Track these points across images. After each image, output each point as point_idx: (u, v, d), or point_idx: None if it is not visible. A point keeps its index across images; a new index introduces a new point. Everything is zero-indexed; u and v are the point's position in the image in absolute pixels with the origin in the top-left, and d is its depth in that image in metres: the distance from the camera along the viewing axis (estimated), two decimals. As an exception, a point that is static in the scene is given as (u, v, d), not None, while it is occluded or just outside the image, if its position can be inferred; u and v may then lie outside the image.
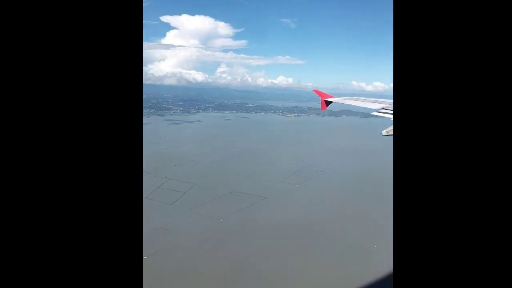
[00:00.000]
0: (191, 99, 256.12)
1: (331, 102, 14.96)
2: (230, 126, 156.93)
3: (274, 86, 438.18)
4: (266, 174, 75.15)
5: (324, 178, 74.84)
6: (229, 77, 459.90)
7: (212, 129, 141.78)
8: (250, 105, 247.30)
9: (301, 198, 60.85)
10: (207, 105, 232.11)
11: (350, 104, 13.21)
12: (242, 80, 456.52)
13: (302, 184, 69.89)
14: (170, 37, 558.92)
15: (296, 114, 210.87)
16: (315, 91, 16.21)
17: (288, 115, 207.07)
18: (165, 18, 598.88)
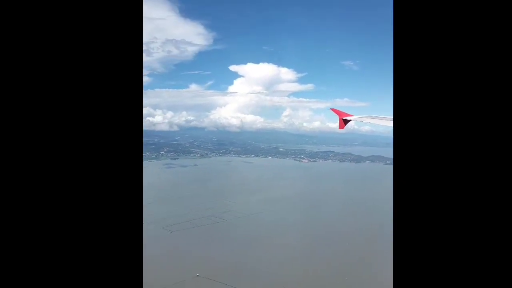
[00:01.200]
0: (223, 143, 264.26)
1: (349, 120, 14.53)
2: (204, 172, 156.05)
3: (330, 129, 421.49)
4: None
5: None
6: (285, 121, 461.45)
7: (180, 174, 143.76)
8: (281, 149, 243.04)
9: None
10: (235, 148, 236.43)
11: (369, 122, 12.77)
12: (299, 124, 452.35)
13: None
14: (236, 85, 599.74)
15: (312, 160, 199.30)
16: (332, 109, 15.53)
17: (302, 160, 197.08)
18: (233, 67, 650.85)
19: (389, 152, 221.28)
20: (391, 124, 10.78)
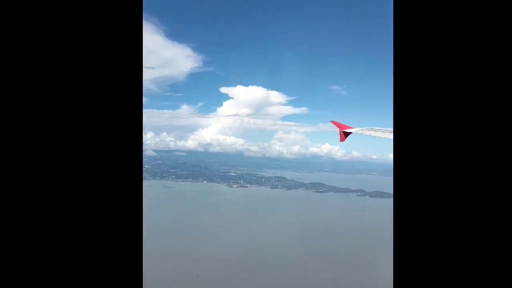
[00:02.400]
0: (174, 166, 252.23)
1: (350, 133, 13.80)
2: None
3: (309, 153, 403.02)
4: None
5: None
6: (265, 145, 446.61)
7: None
8: (232, 173, 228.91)
9: None
10: (181, 172, 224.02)
11: (370, 135, 11.66)
12: (279, 148, 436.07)
13: None
14: (225, 106, 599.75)
15: (245, 185, 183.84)
16: (333, 122, 14.88)
17: (233, 186, 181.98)
18: (224, 89, 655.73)
19: (343, 180, 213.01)
20: (390, 136, 10.27)
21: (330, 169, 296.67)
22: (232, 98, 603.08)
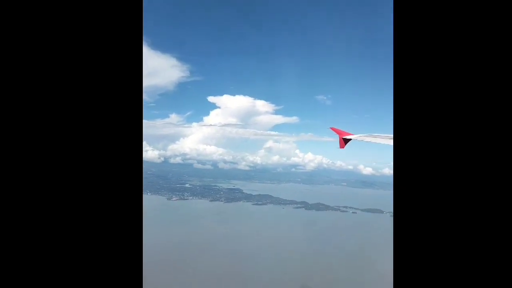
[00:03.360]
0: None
1: (349, 139, 13.25)
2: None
3: (289, 163, 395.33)
4: None
5: None
6: (243, 155, 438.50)
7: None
8: (187, 185, 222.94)
9: None
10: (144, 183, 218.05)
11: (370, 141, 11.52)
12: (258, 158, 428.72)
13: None
14: (212, 115, 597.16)
15: (185, 198, 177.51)
16: (332, 128, 14.14)
17: (172, 199, 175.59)
18: (211, 98, 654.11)
19: (296, 192, 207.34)
20: (390, 142, 10.30)
21: (301, 179, 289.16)
22: (219, 107, 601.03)
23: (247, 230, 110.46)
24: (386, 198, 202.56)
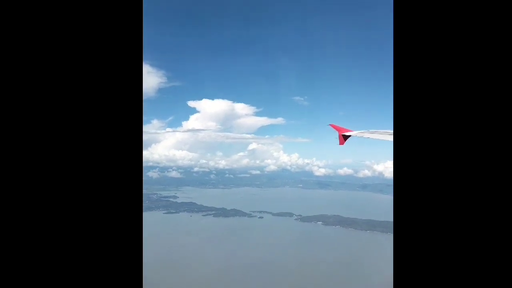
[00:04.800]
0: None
1: (349, 136, 13.01)
2: None
3: (257, 166, 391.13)
4: None
5: None
6: (218, 159, 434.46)
7: None
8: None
9: None
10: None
11: (369, 138, 11.34)
12: (229, 162, 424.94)
13: None
14: (192, 120, 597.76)
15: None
16: (331, 125, 13.67)
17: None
18: (191, 103, 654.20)
19: (228, 198, 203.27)
20: (390, 138, 10.34)
21: (261, 182, 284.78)
22: (199, 112, 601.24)
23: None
24: (324, 199, 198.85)
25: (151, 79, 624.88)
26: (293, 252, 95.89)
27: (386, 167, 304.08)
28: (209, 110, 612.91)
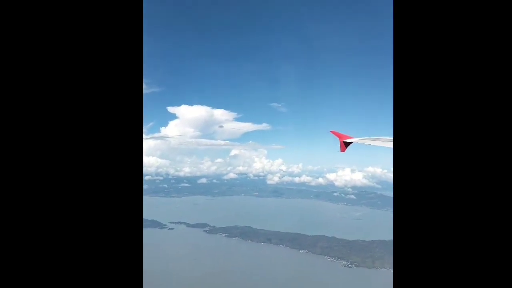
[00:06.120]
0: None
1: (350, 143, 13.17)
2: None
3: (221, 173, 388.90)
4: None
5: None
6: (187, 167, 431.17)
7: None
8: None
9: None
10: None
11: (370, 144, 11.56)
12: (203, 169, 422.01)
13: None
14: (170, 126, 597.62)
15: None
16: (332, 132, 14.11)
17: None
18: (171, 109, 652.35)
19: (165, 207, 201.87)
20: (390, 145, 10.19)
21: (219, 191, 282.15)
22: (178, 118, 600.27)
23: None
24: (258, 208, 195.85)
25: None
26: (180, 262, 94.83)
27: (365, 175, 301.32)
28: (188, 116, 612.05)
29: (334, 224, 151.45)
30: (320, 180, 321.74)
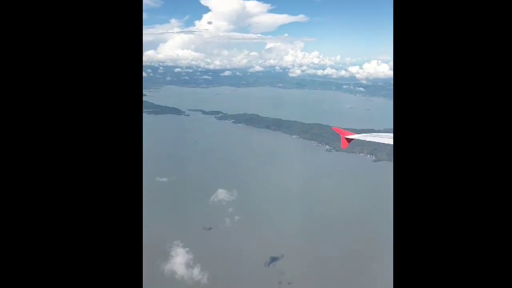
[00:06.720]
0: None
1: (352, 139, 13.66)
2: None
3: (263, 66, 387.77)
4: None
5: None
6: (218, 60, 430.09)
7: None
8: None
9: None
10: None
11: (372, 141, 12.33)
12: (235, 62, 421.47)
13: None
14: (204, 20, 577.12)
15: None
16: (335, 128, 14.85)
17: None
18: (204, 1, 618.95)
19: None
20: (390, 141, 10.86)
21: (247, 82, 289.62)
22: (211, 10, 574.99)
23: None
24: (278, 98, 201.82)
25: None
26: (179, 144, 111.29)
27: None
28: (220, 8, 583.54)
29: (336, 113, 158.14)
30: (343, 72, 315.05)
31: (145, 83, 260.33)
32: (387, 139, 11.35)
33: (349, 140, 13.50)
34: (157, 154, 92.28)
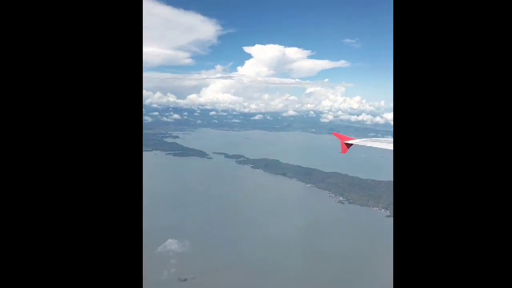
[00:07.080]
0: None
1: (351, 144, 13.89)
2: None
3: (300, 111, 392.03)
4: None
5: None
6: (255, 104, 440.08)
7: None
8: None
9: None
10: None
11: (371, 146, 12.35)
12: (271, 106, 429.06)
13: None
14: (246, 66, 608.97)
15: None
16: (334, 133, 15.60)
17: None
18: (246, 49, 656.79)
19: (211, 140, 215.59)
20: (390, 146, 11.05)
21: (280, 126, 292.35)
22: (253, 57, 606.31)
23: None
24: (303, 144, 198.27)
25: (207, 27, 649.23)
26: (194, 184, 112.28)
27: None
28: (261, 55, 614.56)
29: (360, 163, 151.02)
30: (378, 119, 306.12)
31: (180, 126, 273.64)
32: (387, 144, 11.23)
33: (348, 145, 13.79)
34: (158, 193, 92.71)
